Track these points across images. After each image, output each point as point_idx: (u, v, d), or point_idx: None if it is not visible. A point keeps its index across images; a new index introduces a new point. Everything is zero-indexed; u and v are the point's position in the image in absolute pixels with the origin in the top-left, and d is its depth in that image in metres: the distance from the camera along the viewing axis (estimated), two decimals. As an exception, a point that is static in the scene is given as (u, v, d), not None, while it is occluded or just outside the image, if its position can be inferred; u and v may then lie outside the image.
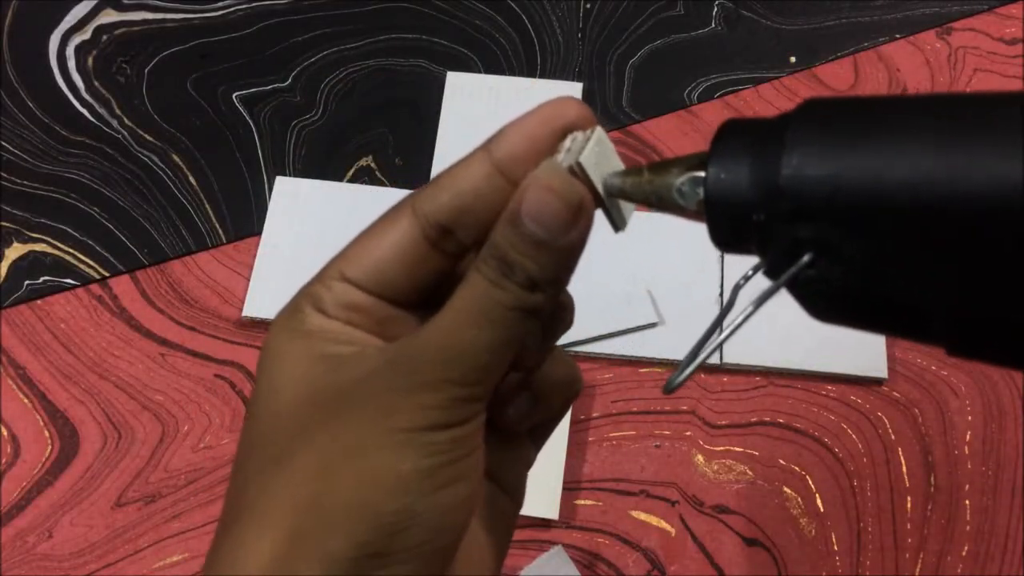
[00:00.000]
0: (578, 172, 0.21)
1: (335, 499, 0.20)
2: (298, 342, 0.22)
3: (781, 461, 0.49)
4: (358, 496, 0.20)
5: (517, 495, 0.26)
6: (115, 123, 0.59)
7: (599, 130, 0.22)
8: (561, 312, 0.25)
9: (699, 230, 0.25)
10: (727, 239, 0.21)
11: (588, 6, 0.61)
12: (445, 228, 0.22)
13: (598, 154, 0.21)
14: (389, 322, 0.23)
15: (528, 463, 0.26)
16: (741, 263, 0.52)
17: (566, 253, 0.21)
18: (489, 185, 0.22)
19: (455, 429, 0.21)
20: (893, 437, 0.49)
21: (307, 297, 0.23)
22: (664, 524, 0.48)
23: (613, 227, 0.23)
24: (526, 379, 0.25)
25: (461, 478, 0.21)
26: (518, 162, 0.22)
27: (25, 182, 0.57)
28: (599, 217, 0.22)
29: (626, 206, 0.23)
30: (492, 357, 0.21)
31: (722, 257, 0.52)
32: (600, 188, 0.22)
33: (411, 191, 0.23)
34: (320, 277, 0.23)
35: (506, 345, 0.21)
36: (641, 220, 0.53)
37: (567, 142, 0.22)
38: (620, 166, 0.22)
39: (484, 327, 0.21)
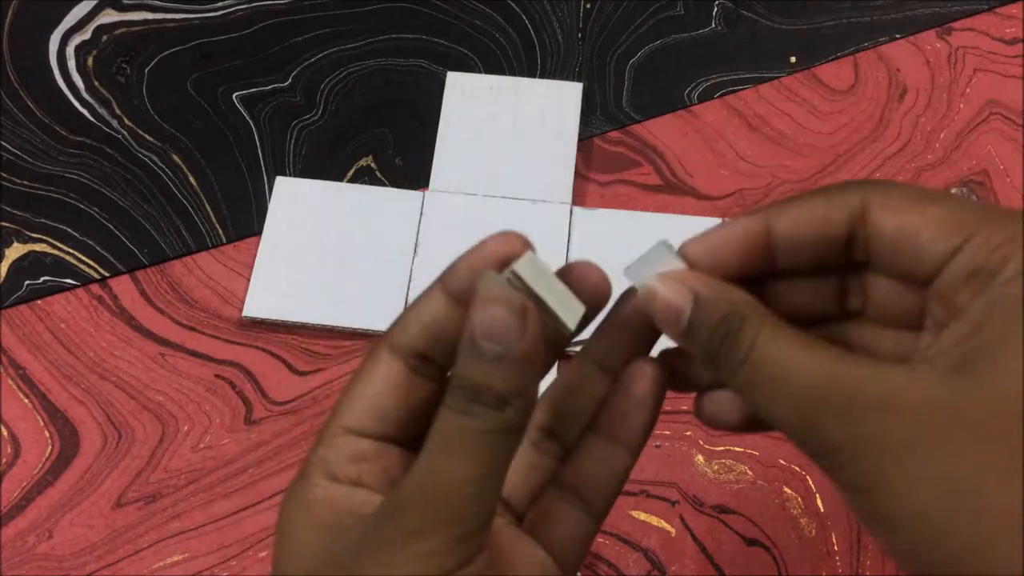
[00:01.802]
0: (515, 283, 0.22)
1: None
2: (301, 514, 0.23)
3: (781, 461, 0.49)
4: None
5: (567, 568, 0.25)
6: (115, 123, 0.59)
7: (529, 252, 0.23)
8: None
9: (700, 230, 0.25)
10: None
11: (588, 6, 0.61)
12: (423, 355, 0.23)
13: (532, 264, 0.23)
14: (393, 465, 0.23)
15: (589, 537, 0.26)
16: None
17: (524, 361, 0.21)
18: (450, 313, 0.23)
19: (458, 572, 0.20)
20: (893, 437, 0.49)
21: (315, 464, 0.23)
22: (664, 524, 0.48)
23: (565, 331, 0.24)
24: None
25: None
26: (466, 283, 0.23)
27: (25, 182, 0.57)
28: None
29: (571, 308, 0.24)
30: (477, 488, 0.21)
31: (722, 257, 0.52)
32: (540, 293, 0.23)
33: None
34: (322, 439, 0.24)
35: (491, 471, 0.21)
36: (641, 220, 0.53)
37: (506, 272, 0.23)
38: (557, 281, 0.23)
39: (462, 459, 0.21)
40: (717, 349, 0.22)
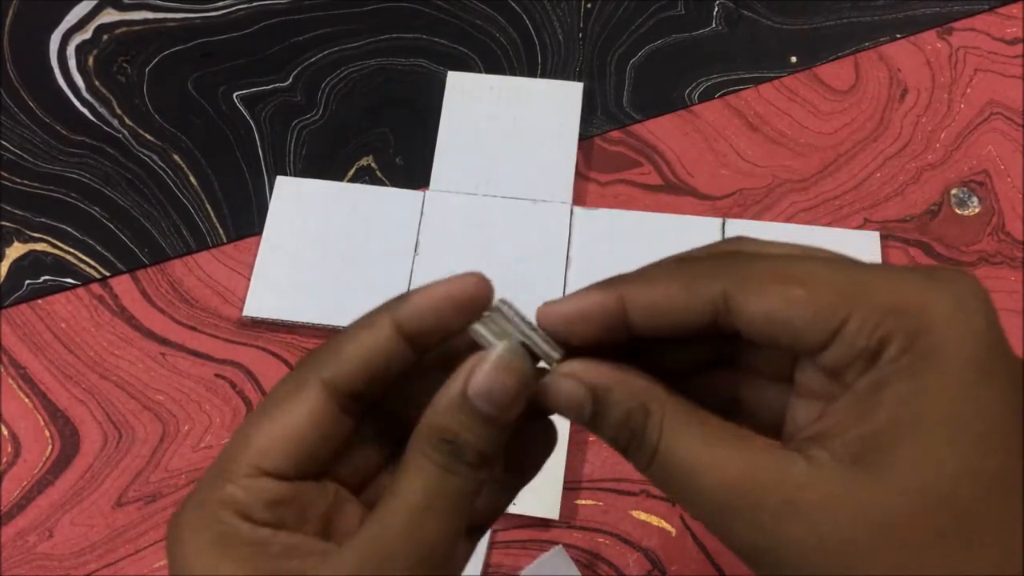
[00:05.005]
0: (495, 326, 0.22)
1: None
2: (237, 564, 0.21)
3: (781, 461, 0.49)
4: None
5: (479, 533, 0.26)
6: (116, 123, 0.59)
7: (499, 299, 0.23)
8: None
9: (699, 230, 0.25)
10: None
11: (589, 6, 0.61)
12: (359, 394, 0.23)
13: (505, 308, 0.23)
14: (308, 503, 0.23)
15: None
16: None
17: (509, 426, 0.22)
18: (397, 350, 0.23)
19: None
20: (893, 437, 0.49)
21: (223, 504, 0.21)
22: (665, 524, 0.48)
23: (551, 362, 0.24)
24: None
25: None
26: (421, 321, 0.23)
27: (26, 181, 0.57)
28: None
29: (549, 342, 0.23)
30: (452, 545, 0.22)
31: (722, 257, 0.52)
32: (527, 334, 0.23)
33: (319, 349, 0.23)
34: (230, 473, 0.22)
35: (462, 529, 0.22)
36: (641, 220, 0.53)
37: (480, 326, 0.23)
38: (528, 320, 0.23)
39: (445, 518, 0.21)
40: (625, 446, 0.22)
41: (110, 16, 0.62)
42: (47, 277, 0.54)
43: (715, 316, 0.21)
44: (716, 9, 0.61)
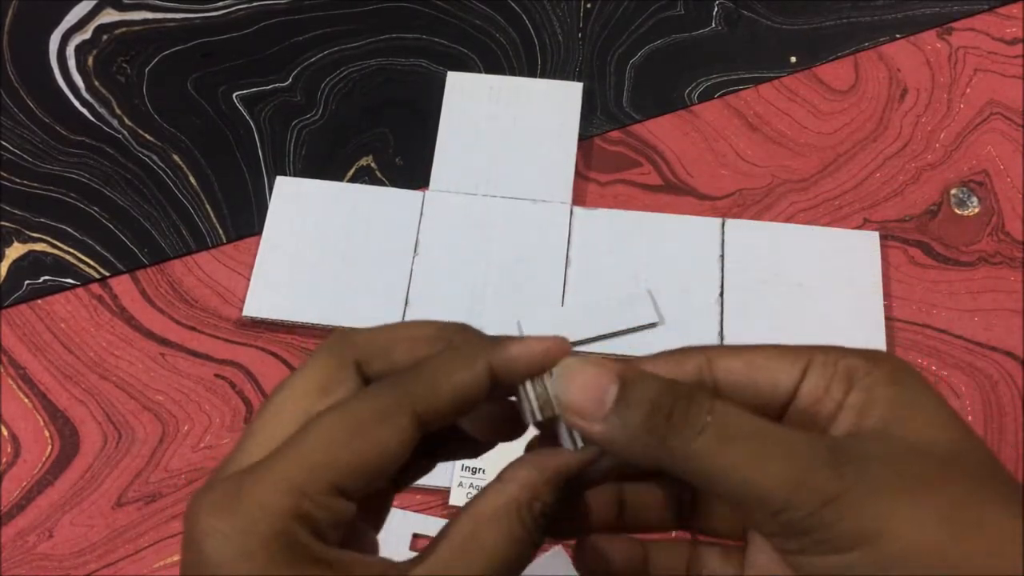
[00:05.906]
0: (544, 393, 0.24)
1: None
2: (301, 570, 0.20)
3: (781, 461, 0.49)
4: None
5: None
6: (115, 123, 0.59)
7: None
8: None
9: (699, 230, 0.25)
10: None
11: (588, 6, 0.61)
12: (435, 429, 0.23)
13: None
14: (361, 531, 0.24)
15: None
16: (741, 264, 0.52)
17: None
18: (484, 391, 0.23)
19: None
20: (893, 437, 0.49)
21: (299, 520, 0.21)
22: (664, 524, 0.48)
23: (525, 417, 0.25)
24: None
25: None
26: (513, 372, 0.23)
27: (25, 182, 0.57)
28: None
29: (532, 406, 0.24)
30: None
31: (722, 257, 0.52)
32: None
33: (403, 386, 0.23)
34: (301, 489, 0.21)
35: None
36: (641, 220, 0.53)
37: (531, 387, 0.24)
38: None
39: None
40: (669, 411, 0.22)
41: (110, 16, 0.62)
42: (47, 277, 0.54)
43: (699, 375, 0.24)
44: (716, 9, 0.61)
